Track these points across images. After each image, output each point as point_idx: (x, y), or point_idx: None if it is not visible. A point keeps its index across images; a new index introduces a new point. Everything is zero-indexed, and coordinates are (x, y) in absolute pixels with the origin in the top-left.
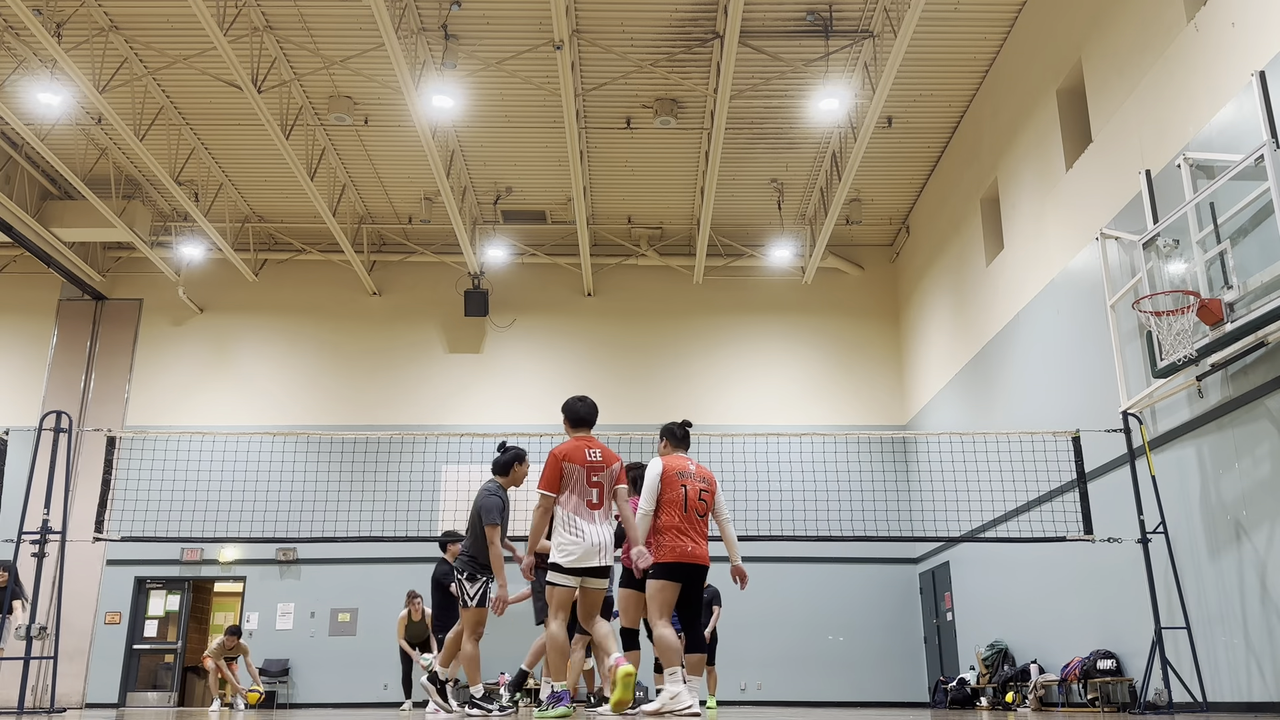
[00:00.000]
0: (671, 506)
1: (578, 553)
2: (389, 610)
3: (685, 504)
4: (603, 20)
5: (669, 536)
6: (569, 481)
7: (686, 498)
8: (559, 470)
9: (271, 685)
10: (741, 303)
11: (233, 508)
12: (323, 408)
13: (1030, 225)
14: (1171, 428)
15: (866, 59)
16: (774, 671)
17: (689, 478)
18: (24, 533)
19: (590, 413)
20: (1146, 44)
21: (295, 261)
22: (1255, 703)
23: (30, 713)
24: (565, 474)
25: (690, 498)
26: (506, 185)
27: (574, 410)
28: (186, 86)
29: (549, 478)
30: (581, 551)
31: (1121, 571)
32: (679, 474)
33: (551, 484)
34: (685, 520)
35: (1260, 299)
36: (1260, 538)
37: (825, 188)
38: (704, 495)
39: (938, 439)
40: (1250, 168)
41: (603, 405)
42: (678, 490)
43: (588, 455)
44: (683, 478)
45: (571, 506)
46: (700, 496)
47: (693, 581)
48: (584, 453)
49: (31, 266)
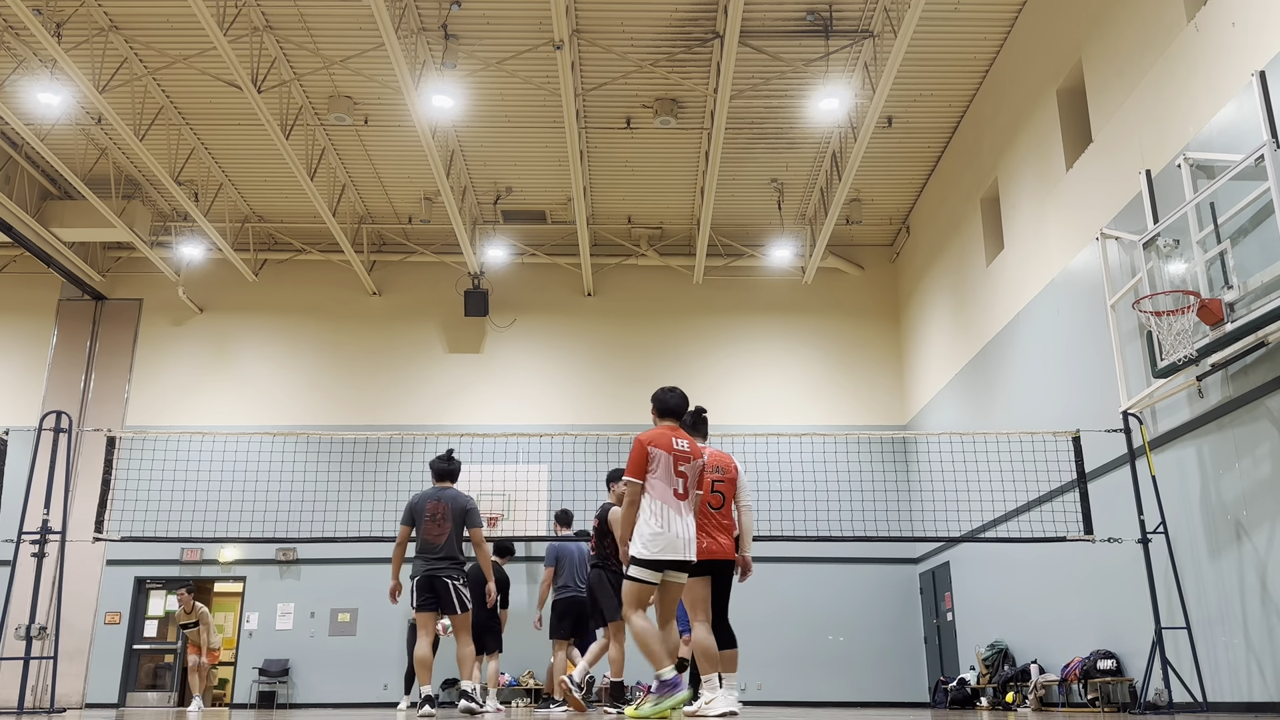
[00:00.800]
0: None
1: (661, 544)
2: (389, 610)
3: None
4: (603, 20)
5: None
6: (655, 469)
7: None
8: (645, 456)
9: (271, 685)
10: (741, 303)
11: (233, 508)
12: (323, 408)
13: (1030, 225)
14: (1172, 428)
15: (866, 59)
16: (774, 671)
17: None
18: (24, 533)
19: (680, 404)
20: (1147, 44)
21: (295, 261)
22: (1255, 703)
23: (30, 713)
24: (652, 460)
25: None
26: (506, 185)
27: (663, 401)
28: (186, 86)
29: (635, 464)
30: (666, 543)
31: (1121, 571)
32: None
33: (638, 470)
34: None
35: (1260, 299)
36: (1260, 538)
37: (825, 188)
38: (718, 486)
39: (938, 439)
40: (1250, 168)
41: (602, 405)
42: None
43: (674, 444)
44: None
45: (658, 494)
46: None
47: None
48: (670, 440)
49: (31, 266)
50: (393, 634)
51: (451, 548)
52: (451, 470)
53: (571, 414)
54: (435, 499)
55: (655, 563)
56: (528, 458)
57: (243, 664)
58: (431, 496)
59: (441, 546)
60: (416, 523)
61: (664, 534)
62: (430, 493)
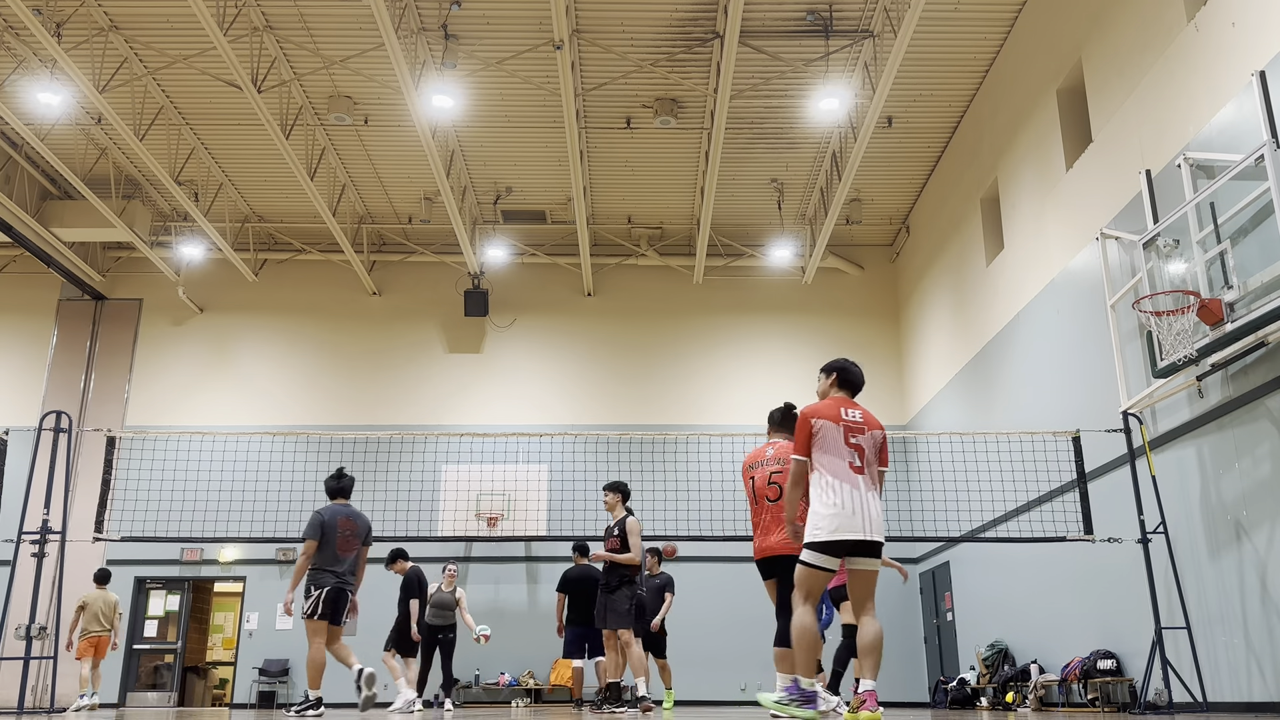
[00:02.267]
0: (750, 504)
1: (835, 522)
2: (389, 610)
3: (754, 496)
4: (603, 20)
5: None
6: (822, 441)
7: (755, 489)
8: (809, 430)
9: (271, 685)
10: (741, 303)
11: (233, 508)
12: (323, 408)
13: (1030, 225)
14: (1172, 428)
15: (866, 59)
16: (774, 671)
17: (759, 467)
18: (24, 533)
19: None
20: (1147, 44)
21: (295, 261)
22: (1255, 703)
23: (30, 713)
24: (816, 433)
25: (758, 487)
26: (506, 185)
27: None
28: (186, 86)
29: (800, 440)
30: (840, 520)
31: (1121, 571)
32: (749, 468)
33: (803, 446)
34: (757, 512)
35: (1260, 299)
36: (1260, 538)
37: (825, 188)
38: (775, 477)
39: (938, 439)
40: (1250, 168)
41: (603, 405)
42: (747, 485)
43: (844, 414)
44: (752, 470)
45: (827, 468)
46: (770, 480)
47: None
48: (838, 410)
49: (31, 266)
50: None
51: (355, 563)
52: (345, 488)
53: (571, 414)
54: (347, 516)
55: (832, 544)
56: (528, 458)
57: (243, 664)
58: (342, 514)
59: (351, 561)
60: (328, 538)
61: (840, 511)
62: (340, 510)
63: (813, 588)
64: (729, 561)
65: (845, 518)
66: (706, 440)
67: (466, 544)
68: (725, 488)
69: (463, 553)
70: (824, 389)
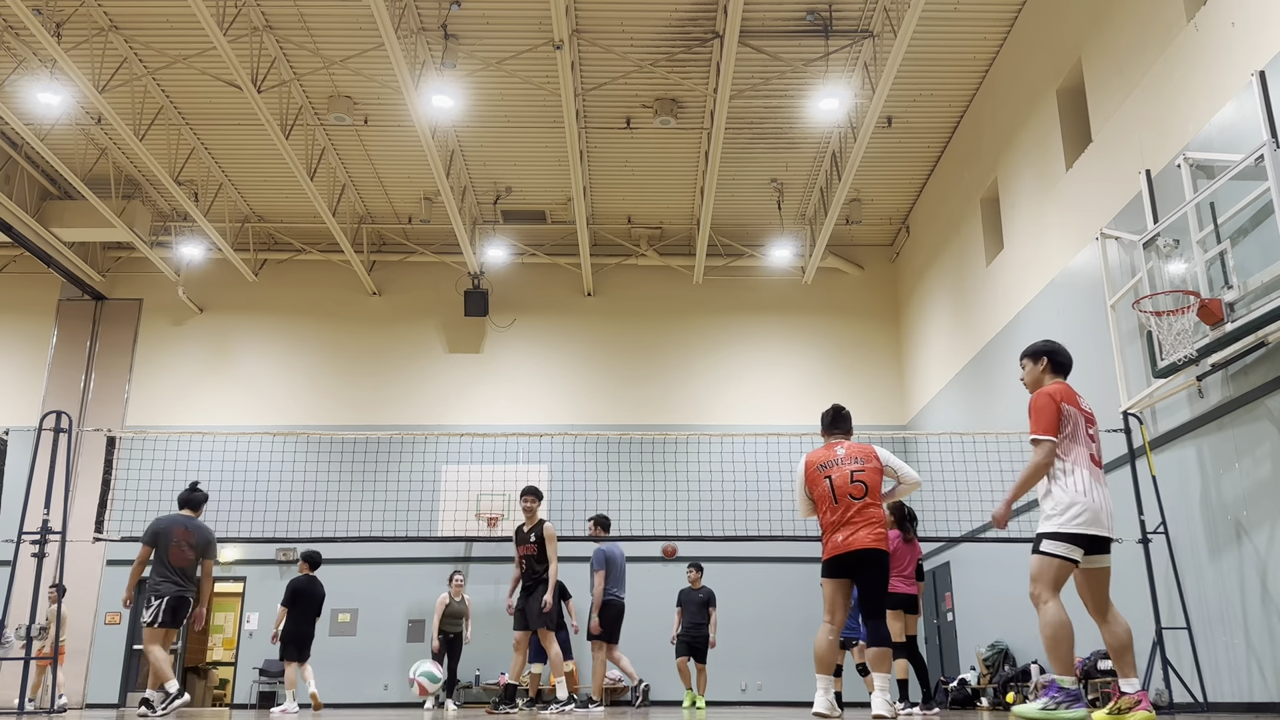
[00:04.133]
0: (822, 502)
1: (1087, 516)
2: (389, 610)
3: (834, 495)
4: (603, 20)
5: (826, 534)
6: (1067, 427)
7: (833, 488)
8: (1057, 411)
9: (271, 685)
10: (741, 303)
11: (233, 508)
12: (323, 408)
13: (1030, 225)
14: (1172, 428)
15: (866, 59)
16: (774, 671)
17: (833, 466)
18: (24, 533)
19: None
20: (1146, 44)
21: (295, 261)
22: (1256, 703)
23: (30, 713)
24: (1065, 419)
25: (838, 486)
26: (506, 185)
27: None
28: (186, 86)
29: (1048, 420)
30: (1091, 515)
31: (1121, 571)
32: (820, 467)
33: (1052, 426)
34: (836, 511)
35: (1260, 299)
36: (1261, 538)
37: (825, 188)
38: (858, 476)
39: (938, 439)
40: (1250, 167)
41: (603, 405)
42: (821, 485)
43: (1081, 403)
44: (825, 469)
45: (1072, 457)
46: (853, 479)
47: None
48: (1076, 397)
49: (31, 266)
50: (393, 634)
51: (193, 572)
52: (196, 501)
53: (571, 414)
54: (184, 527)
55: (1078, 537)
56: (528, 458)
57: (243, 664)
58: (180, 523)
59: (188, 570)
60: (162, 546)
61: (1089, 503)
62: (178, 519)
63: (1058, 578)
64: (729, 562)
65: (1094, 512)
66: (706, 440)
67: (466, 544)
68: (725, 488)
69: (462, 553)
70: (1036, 376)
